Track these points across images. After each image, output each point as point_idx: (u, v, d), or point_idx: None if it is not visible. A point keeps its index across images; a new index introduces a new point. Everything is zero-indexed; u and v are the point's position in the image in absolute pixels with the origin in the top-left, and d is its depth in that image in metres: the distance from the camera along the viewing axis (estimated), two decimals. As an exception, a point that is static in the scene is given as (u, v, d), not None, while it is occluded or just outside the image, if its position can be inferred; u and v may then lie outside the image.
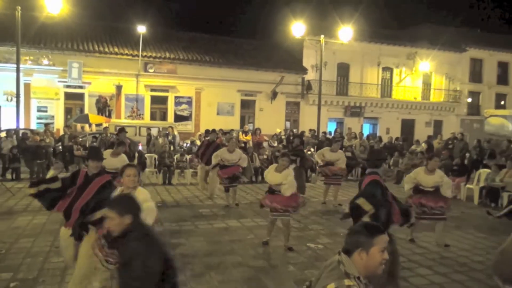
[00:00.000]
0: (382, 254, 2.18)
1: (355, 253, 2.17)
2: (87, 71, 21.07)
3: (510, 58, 32.78)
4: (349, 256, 2.18)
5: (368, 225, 2.31)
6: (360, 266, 2.16)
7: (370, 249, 2.16)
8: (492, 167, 11.70)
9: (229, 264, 5.92)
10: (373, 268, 2.19)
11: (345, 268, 2.14)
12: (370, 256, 2.16)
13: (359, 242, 2.18)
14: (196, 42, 25.62)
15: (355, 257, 2.17)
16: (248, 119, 25.01)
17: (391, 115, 28.68)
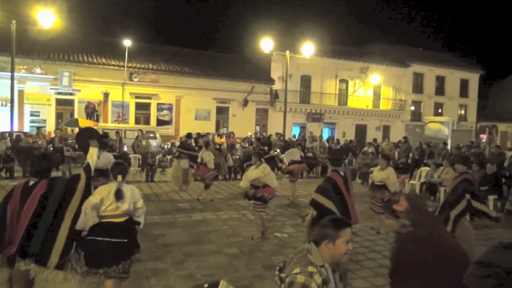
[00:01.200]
0: (346, 245, 2.21)
1: (323, 243, 2.20)
2: (77, 79, 20.53)
3: (446, 73, 33.84)
4: (317, 246, 2.20)
5: (335, 220, 2.33)
6: (327, 255, 2.19)
7: (336, 240, 2.18)
8: (431, 166, 12.03)
9: (206, 252, 5.88)
10: (338, 257, 2.22)
11: (311, 257, 2.16)
12: (336, 246, 2.18)
13: (327, 234, 2.20)
14: (177, 55, 25.37)
15: (323, 247, 2.19)
16: (222, 124, 24.90)
17: (346, 121, 29.12)
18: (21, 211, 3.06)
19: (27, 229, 3.03)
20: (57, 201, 3.15)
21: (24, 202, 3.08)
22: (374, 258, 5.89)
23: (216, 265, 5.38)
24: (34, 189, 3.14)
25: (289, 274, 2.13)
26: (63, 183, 3.29)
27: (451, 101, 34.16)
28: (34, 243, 3.02)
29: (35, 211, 3.07)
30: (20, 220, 3.05)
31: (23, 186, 3.19)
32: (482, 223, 8.23)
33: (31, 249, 3.01)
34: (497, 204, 9.40)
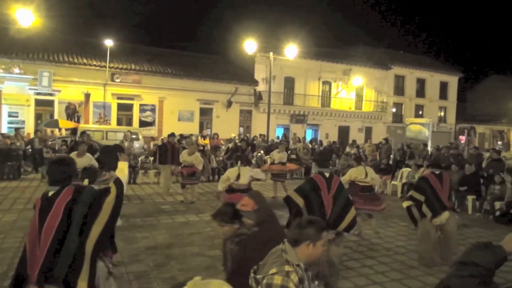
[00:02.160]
0: (323, 247, 2.28)
1: (303, 244, 2.21)
2: (57, 79, 20.13)
3: (427, 75, 34.50)
4: (296, 246, 2.22)
5: (317, 222, 2.35)
6: (305, 255, 2.21)
7: (317, 242, 2.23)
8: (412, 166, 12.20)
9: (188, 254, 5.84)
10: (315, 257, 2.27)
11: (287, 256, 2.18)
12: (316, 247, 2.23)
13: (309, 235, 2.23)
14: (160, 56, 25.16)
15: (302, 247, 2.21)
16: (206, 125, 24.79)
17: (329, 122, 29.36)
18: (42, 227, 2.59)
19: (51, 249, 2.55)
20: (83, 214, 2.67)
21: (45, 216, 2.62)
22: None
23: (199, 267, 5.35)
24: (56, 200, 2.67)
25: (265, 275, 2.12)
26: (91, 193, 2.79)
27: (431, 103, 34.82)
28: (60, 265, 2.54)
29: (60, 225, 2.59)
30: (41, 238, 2.57)
31: (41, 199, 2.74)
32: (460, 223, 8.42)
33: (56, 272, 2.53)
34: (475, 204, 9.61)
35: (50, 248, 2.55)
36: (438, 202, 5.39)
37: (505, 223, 8.37)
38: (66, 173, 2.83)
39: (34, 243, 2.59)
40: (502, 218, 8.55)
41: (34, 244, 2.59)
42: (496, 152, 11.63)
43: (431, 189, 5.43)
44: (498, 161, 10.88)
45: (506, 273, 5.47)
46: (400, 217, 8.69)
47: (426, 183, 5.53)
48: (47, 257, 2.53)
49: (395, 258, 6.01)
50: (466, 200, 9.76)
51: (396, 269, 5.56)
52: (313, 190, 4.48)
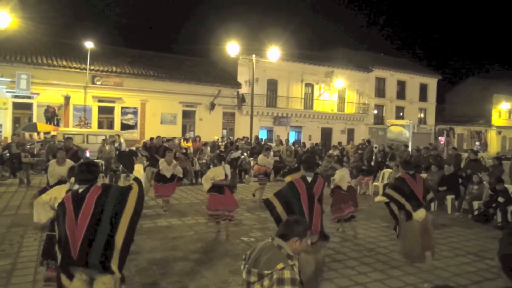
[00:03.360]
0: (307, 244, 2.56)
1: (291, 239, 2.45)
2: (36, 82, 19.69)
3: (407, 77, 35.10)
4: (286, 241, 2.44)
5: (303, 221, 2.62)
6: (292, 249, 2.44)
7: (304, 239, 2.48)
8: (393, 168, 12.37)
9: (171, 259, 5.77)
10: (300, 251, 2.52)
11: (287, 251, 2.40)
12: (302, 243, 2.48)
13: (297, 232, 2.47)
14: (141, 58, 24.93)
15: (291, 242, 2.44)
16: (189, 128, 24.64)
17: (312, 124, 29.55)
18: (77, 219, 3.06)
19: (86, 238, 3.03)
20: (112, 207, 3.16)
21: (79, 210, 3.08)
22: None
23: (182, 272, 5.29)
24: (86, 195, 3.15)
25: (274, 270, 2.30)
26: (118, 190, 3.32)
27: (411, 104, 35.42)
28: (94, 255, 3.01)
29: (92, 217, 3.06)
30: (77, 228, 3.05)
31: (72, 195, 3.20)
32: (440, 222, 8.58)
33: (92, 260, 3.01)
34: (454, 204, 9.80)
35: (85, 237, 3.02)
36: (415, 200, 5.63)
37: (483, 222, 8.55)
38: (94, 173, 3.34)
39: (73, 231, 3.04)
40: (480, 217, 8.74)
41: (73, 232, 3.04)
42: (474, 152, 11.88)
43: (409, 188, 5.65)
44: (476, 161, 11.13)
45: (472, 273, 5.59)
46: (382, 217, 8.78)
47: (404, 183, 5.74)
48: (82, 245, 3.01)
49: (377, 258, 6.07)
50: (446, 200, 9.94)
51: (378, 269, 5.61)
52: (292, 194, 4.46)
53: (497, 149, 38.91)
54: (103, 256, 3.04)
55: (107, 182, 12.39)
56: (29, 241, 6.46)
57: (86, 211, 3.08)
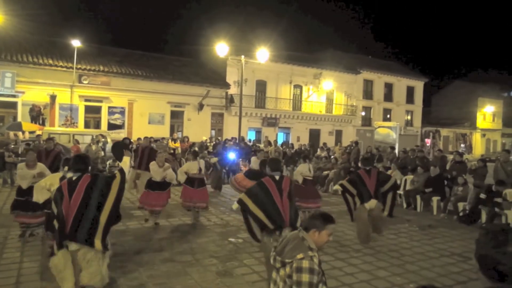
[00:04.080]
0: (328, 237, 2.71)
1: (311, 231, 2.67)
2: (21, 81, 19.36)
3: (394, 80, 35.45)
4: (306, 232, 2.67)
5: (324, 215, 2.79)
6: (313, 240, 2.65)
7: (322, 231, 2.67)
8: (380, 169, 12.48)
9: (158, 261, 5.71)
10: (320, 244, 2.70)
11: (309, 243, 2.62)
12: (321, 235, 2.67)
13: (315, 224, 2.69)
14: (129, 57, 24.71)
15: (310, 234, 2.67)
16: (177, 128, 24.50)
17: (301, 125, 29.64)
18: (70, 201, 3.82)
19: (76, 218, 3.78)
20: (99, 193, 3.88)
21: (72, 193, 3.84)
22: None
23: (169, 273, 5.24)
24: (78, 182, 3.91)
25: (294, 259, 2.54)
26: (104, 179, 4.01)
27: (398, 107, 35.78)
28: (81, 231, 3.78)
29: (82, 200, 3.82)
30: (70, 208, 3.82)
31: (68, 181, 3.97)
32: (425, 223, 8.68)
33: (80, 236, 3.77)
34: (440, 205, 9.91)
35: (75, 217, 3.78)
36: (367, 192, 6.64)
37: (467, 223, 8.67)
38: (86, 164, 4.10)
39: (67, 211, 3.81)
40: (465, 219, 8.86)
41: (67, 212, 3.81)
42: (459, 154, 12.04)
43: (362, 182, 6.68)
44: (461, 163, 11.27)
45: (457, 274, 5.66)
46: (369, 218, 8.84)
47: (359, 177, 6.81)
48: (73, 223, 3.77)
49: (364, 259, 6.10)
50: (431, 201, 10.05)
51: (365, 270, 5.64)
52: (263, 192, 4.68)
53: (482, 151, 39.56)
54: (88, 233, 3.79)
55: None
56: (12, 242, 6.33)
57: (78, 196, 3.83)
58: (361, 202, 6.68)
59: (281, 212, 4.55)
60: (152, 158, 10.09)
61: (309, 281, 2.49)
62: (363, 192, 6.63)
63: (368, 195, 6.64)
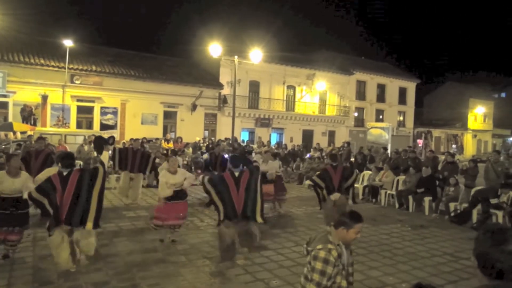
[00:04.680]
0: (355, 235, 2.93)
1: (340, 228, 2.91)
2: (12, 80, 19.17)
3: (387, 81, 35.67)
4: (336, 229, 2.91)
5: (353, 214, 2.99)
6: (341, 237, 2.91)
7: (350, 229, 2.90)
8: (373, 170, 12.55)
9: (151, 261, 5.68)
10: (349, 241, 2.96)
11: (331, 237, 2.89)
12: (349, 233, 2.90)
13: (344, 222, 2.91)
14: (122, 57, 24.57)
15: (339, 230, 2.90)
16: (170, 128, 24.43)
17: (294, 126, 29.70)
18: (64, 192, 4.71)
19: (71, 207, 4.71)
20: (87, 185, 4.82)
21: (65, 186, 4.72)
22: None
23: (162, 274, 5.22)
24: (70, 176, 4.78)
25: (313, 249, 2.85)
26: (90, 172, 4.95)
27: (391, 108, 36.00)
28: (76, 217, 4.76)
29: (75, 192, 4.74)
30: (64, 199, 4.69)
31: (60, 176, 4.77)
32: (418, 223, 8.74)
33: (75, 221, 4.76)
34: (432, 205, 9.99)
35: (70, 205, 4.71)
36: (332, 186, 7.51)
37: (458, 223, 8.75)
38: (74, 160, 5.19)
39: (61, 202, 4.67)
40: (456, 219, 8.93)
41: (61, 202, 4.66)
42: (450, 155, 12.14)
43: (329, 177, 7.53)
44: (452, 163, 11.37)
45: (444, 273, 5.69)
46: (362, 219, 8.88)
47: (326, 172, 7.67)
48: (69, 210, 4.70)
49: (356, 259, 6.06)
50: (423, 201, 10.13)
51: (357, 270, 5.64)
52: (222, 184, 5.48)
53: (473, 152, 39.95)
54: (81, 218, 4.79)
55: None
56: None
57: (71, 188, 4.72)
58: (328, 194, 7.58)
59: (235, 205, 5.42)
60: (145, 161, 9.94)
61: (321, 269, 2.79)
62: (329, 186, 7.51)
63: (333, 188, 7.49)
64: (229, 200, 5.42)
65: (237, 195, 5.45)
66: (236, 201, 5.44)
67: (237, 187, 5.47)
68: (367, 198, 11.80)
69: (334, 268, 2.80)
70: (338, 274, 2.85)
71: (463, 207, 9.12)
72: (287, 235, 7.37)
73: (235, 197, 5.43)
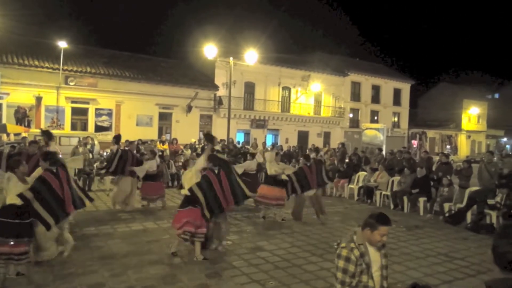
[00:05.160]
0: (381, 237, 2.95)
1: (366, 229, 2.98)
2: (6, 82, 19.01)
3: (381, 82, 35.83)
4: (362, 230, 3.00)
5: (380, 216, 3.00)
6: (366, 237, 2.98)
7: (374, 231, 2.94)
8: (368, 171, 12.60)
9: (146, 263, 5.68)
10: (374, 242, 2.99)
11: (355, 237, 3.01)
12: (373, 235, 2.95)
13: (370, 224, 2.96)
14: (117, 59, 24.50)
15: (365, 231, 2.98)
16: (165, 130, 24.38)
17: (289, 127, 29.75)
18: (62, 185, 5.47)
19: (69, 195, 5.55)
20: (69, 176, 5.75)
21: (59, 179, 5.45)
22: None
23: (157, 276, 5.21)
24: (59, 172, 5.51)
25: (338, 247, 3.03)
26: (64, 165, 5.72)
27: (385, 109, 36.16)
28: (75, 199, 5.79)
29: (67, 182, 5.58)
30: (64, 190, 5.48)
31: (52, 173, 5.41)
32: (412, 224, 8.79)
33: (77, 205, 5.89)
34: (426, 206, 10.05)
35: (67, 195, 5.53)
36: (307, 184, 8.12)
37: (453, 224, 8.81)
38: (59, 159, 5.88)
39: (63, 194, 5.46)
40: (451, 219, 8.99)
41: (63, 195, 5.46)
42: (445, 155, 12.22)
43: (304, 176, 8.15)
44: (446, 164, 11.44)
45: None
46: (357, 219, 8.91)
47: (302, 171, 8.33)
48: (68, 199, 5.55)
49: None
50: (418, 202, 10.19)
51: (353, 271, 5.69)
52: (207, 184, 5.89)
53: (467, 153, 40.21)
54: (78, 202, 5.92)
55: (80, 184, 12.10)
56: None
57: (64, 180, 5.55)
58: (302, 191, 8.21)
59: (220, 199, 5.92)
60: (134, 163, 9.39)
61: (343, 267, 2.93)
62: (304, 184, 8.11)
63: (308, 187, 8.16)
64: (215, 197, 5.90)
65: (220, 189, 5.96)
66: (220, 194, 5.93)
67: (220, 183, 5.99)
68: (362, 199, 11.85)
69: (356, 266, 2.90)
70: (363, 273, 2.93)
71: (458, 207, 9.18)
72: (283, 236, 7.39)
73: (218, 191, 5.93)
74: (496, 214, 8.40)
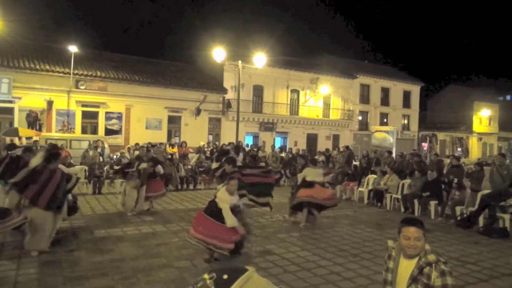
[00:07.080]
0: (406, 240, 2.75)
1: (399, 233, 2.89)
2: (18, 86, 19.36)
3: (390, 84, 35.62)
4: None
5: (406, 217, 2.96)
6: (401, 247, 2.84)
7: (400, 234, 2.81)
8: (377, 173, 12.49)
9: (155, 266, 5.68)
10: (403, 247, 2.81)
11: (394, 243, 2.96)
12: (400, 238, 2.81)
13: (399, 228, 2.85)
14: (126, 63, 24.75)
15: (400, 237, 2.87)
16: (174, 133, 24.52)
17: (298, 130, 29.70)
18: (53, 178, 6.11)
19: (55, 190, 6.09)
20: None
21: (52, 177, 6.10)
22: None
23: (167, 279, 5.21)
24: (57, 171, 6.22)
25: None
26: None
27: (395, 111, 35.92)
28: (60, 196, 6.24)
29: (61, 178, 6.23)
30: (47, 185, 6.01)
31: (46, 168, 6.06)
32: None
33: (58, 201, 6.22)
34: (437, 209, 9.93)
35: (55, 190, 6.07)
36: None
37: (465, 228, 8.68)
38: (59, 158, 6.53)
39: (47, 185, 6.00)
40: (462, 223, 8.87)
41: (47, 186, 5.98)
42: (456, 158, 12.06)
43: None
44: (458, 167, 11.30)
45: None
46: (366, 223, 8.86)
47: None
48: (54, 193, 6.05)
49: (361, 264, 6.09)
50: (429, 205, 10.07)
51: (363, 275, 5.64)
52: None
53: (478, 155, 39.75)
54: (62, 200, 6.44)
55: (90, 188, 12.22)
56: (7, 250, 6.29)
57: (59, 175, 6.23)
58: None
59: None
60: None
61: (384, 277, 3.03)
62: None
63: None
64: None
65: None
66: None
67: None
68: (372, 202, 11.73)
69: (385, 267, 3.02)
70: (388, 271, 2.98)
71: (469, 211, 9.05)
72: (292, 240, 7.35)
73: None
74: (508, 217, 8.27)
